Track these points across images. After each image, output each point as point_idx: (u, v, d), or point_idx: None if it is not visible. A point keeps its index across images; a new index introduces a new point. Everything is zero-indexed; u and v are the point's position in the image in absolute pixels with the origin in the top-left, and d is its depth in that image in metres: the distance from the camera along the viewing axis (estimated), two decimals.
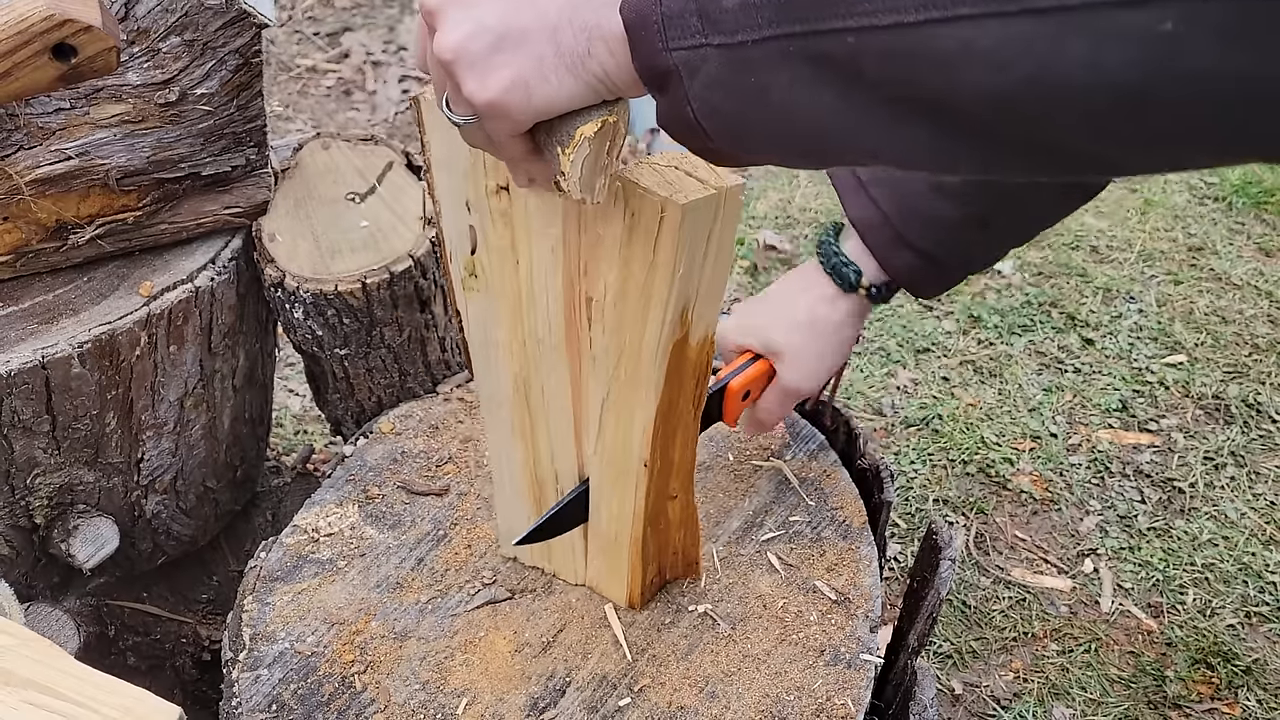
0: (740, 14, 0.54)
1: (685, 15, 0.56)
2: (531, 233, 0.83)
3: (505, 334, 0.91)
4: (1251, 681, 1.74)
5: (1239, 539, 1.96)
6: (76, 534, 1.27)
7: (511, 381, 0.95)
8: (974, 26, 0.47)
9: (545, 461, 0.98)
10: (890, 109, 0.52)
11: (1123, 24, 0.44)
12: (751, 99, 0.56)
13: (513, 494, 1.03)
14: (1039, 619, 1.85)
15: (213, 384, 1.34)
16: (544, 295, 0.86)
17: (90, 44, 1.02)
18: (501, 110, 0.63)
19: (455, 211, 0.87)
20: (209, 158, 1.25)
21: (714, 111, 0.58)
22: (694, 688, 0.96)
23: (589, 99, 0.63)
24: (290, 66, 3.27)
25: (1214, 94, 0.44)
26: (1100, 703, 1.71)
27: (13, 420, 1.17)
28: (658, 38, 0.57)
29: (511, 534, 1.05)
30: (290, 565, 1.09)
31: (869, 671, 0.97)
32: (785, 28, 0.52)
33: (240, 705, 0.96)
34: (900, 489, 2.07)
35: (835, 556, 1.08)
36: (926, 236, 1.00)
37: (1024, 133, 0.50)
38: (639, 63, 0.59)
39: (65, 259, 1.25)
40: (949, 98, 0.50)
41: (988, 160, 0.53)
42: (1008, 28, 0.46)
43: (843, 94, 0.53)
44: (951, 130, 0.51)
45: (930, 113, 0.51)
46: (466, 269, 0.90)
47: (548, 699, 0.96)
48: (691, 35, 0.56)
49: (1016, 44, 0.46)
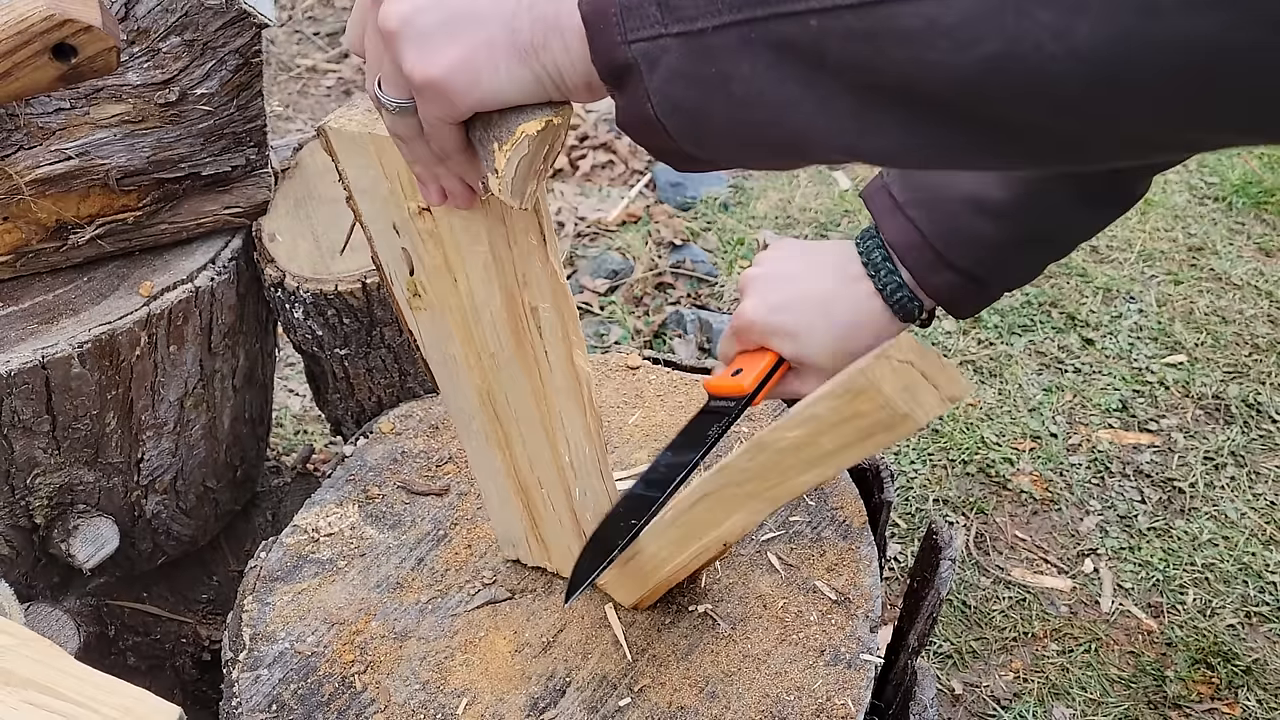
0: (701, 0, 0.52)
1: (644, 5, 0.54)
2: (462, 250, 0.80)
3: (460, 349, 0.89)
4: (1251, 681, 1.74)
5: (1239, 539, 1.96)
6: (76, 534, 1.27)
7: (476, 394, 0.93)
8: (938, 3, 0.45)
9: (525, 469, 0.97)
10: (856, 97, 0.50)
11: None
12: (712, 91, 0.54)
13: (500, 502, 1.03)
14: (1039, 619, 1.85)
15: (213, 384, 1.34)
16: (486, 310, 0.84)
17: (90, 44, 1.02)
18: (442, 91, 0.60)
19: (385, 236, 0.84)
20: (209, 158, 1.25)
21: (674, 107, 0.56)
22: (694, 688, 0.96)
23: (536, 96, 0.60)
24: (290, 66, 3.27)
25: (1188, 62, 0.43)
26: (1100, 703, 1.71)
27: (13, 420, 1.17)
28: (616, 30, 0.55)
29: (509, 539, 1.04)
30: (290, 565, 1.09)
31: (869, 671, 0.97)
32: (746, 13, 0.51)
33: (240, 705, 0.96)
34: (900, 489, 2.07)
35: (835, 556, 1.08)
36: (968, 256, 0.96)
37: (994, 114, 0.48)
38: (597, 58, 0.56)
39: (65, 259, 1.25)
40: (915, 80, 0.48)
41: (958, 147, 0.51)
42: (975, 2, 0.44)
43: (807, 82, 0.51)
44: (920, 116, 0.50)
45: (897, 98, 0.50)
46: (409, 289, 0.87)
47: (548, 699, 0.96)
48: (650, 25, 0.54)
49: (983, 18, 0.45)
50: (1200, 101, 0.44)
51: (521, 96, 0.60)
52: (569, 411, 0.89)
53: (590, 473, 0.94)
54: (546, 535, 1.01)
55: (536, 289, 0.80)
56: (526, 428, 0.92)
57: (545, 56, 0.58)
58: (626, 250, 2.74)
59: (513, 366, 0.87)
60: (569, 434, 0.90)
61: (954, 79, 0.47)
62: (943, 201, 0.96)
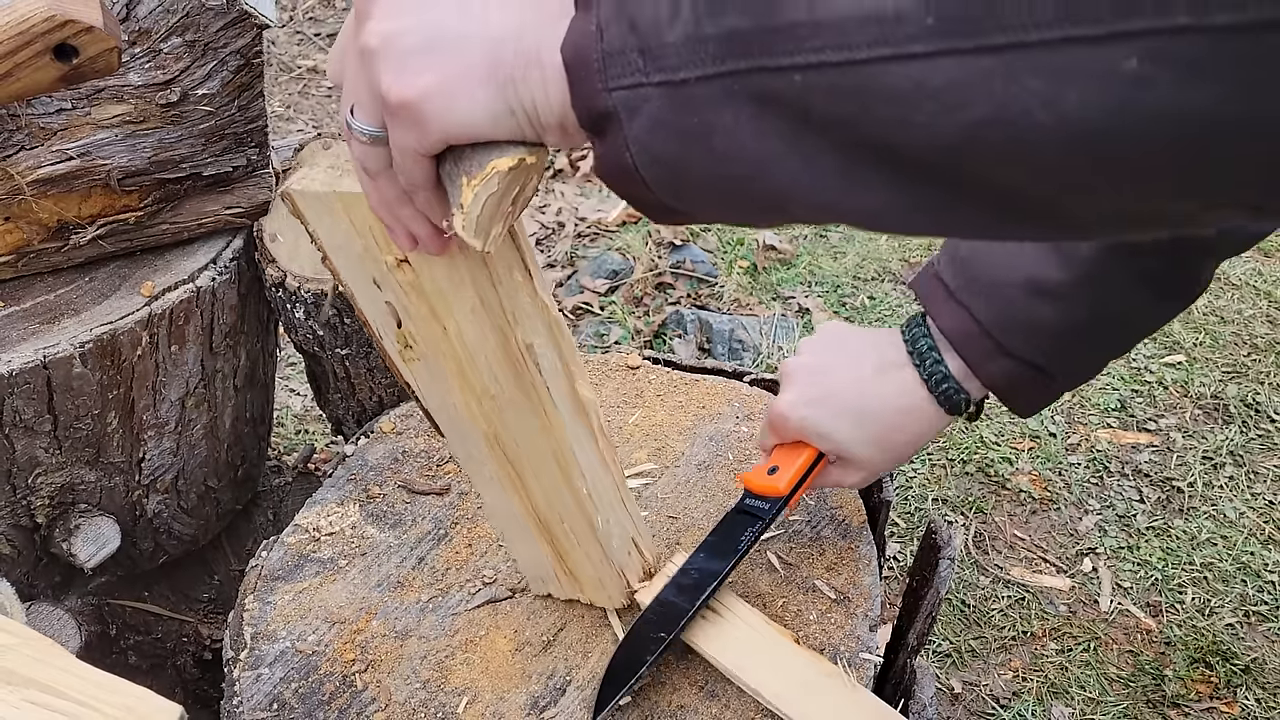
0: (684, 49, 0.50)
1: (626, 52, 0.52)
2: (447, 298, 0.77)
3: (459, 396, 0.86)
4: (1250, 680, 1.74)
5: (1237, 538, 1.96)
6: (78, 533, 1.27)
7: (483, 439, 0.89)
8: (927, 65, 0.44)
9: (543, 505, 0.94)
10: (840, 155, 0.49)
11: (1084, 61, 0.41)
12: (693, 143, 0.52)
13: (523, 542, 1.00)
14: (1038, 618, 1.85)
15: (214, 384, 1.34)
16: (481, 354, 0.81)
17: (91, 44, 1.02)
18: (415, 115, 0.57)
19: (367, 292, 0.81)
20: (210, 158, 1.25)
21: (654, 158, 0.54)
22: (694, 686, 0.97)
23: (510, 132, 0.58)
24: (291, 67, 3.27)
25: (1180, 134, 0.42)
26: (1099, 702, 1.72)
27: (14, 420, 1.17)
28: (597, 77, 0.53)
29: (538, 577, 1.02)
30: (291, 564, 1.09)
31: (868, 670, 0.98)
32: (730, 64, 0.49)
33: (241, 704, 0.96)
34: (899, 488, 2.07)
35: (834, 555, 1.08)
36: (1027, 343, 0.93)
37: (979, 178, 0.47)
38: (577, 102, 0.55)
39: (67, 259, 1.25)
40: (901, 141, 0.47)
41: (943, 208, 0.50)
42: (963, 66, 0.43)
43: (790, 138, 0.50)
44: (905, 177, 0.49)
45: (882, 159, 0.48)
46: (399, 343, 0.84)
47: (548, 698, 0.97)
48: (632, 73, 0.52)
49: (972, 83, 0.44)
50: (1191, 173, 0.43)
51: (495, 131, 0.58)
52: (580, 442, 0.87)
53: (611, 501, 0.92)
54: (575, 568, 0.99)
55: (529, 326, 0.78)
56: (539, 465, 0.89)
57: (523, 90, 0.57)
58: (626, 250, 2.74)
59: (516, 406, 0.84)
60: (584, 465, 0.88)
61: (940, 142, 0.46)
62: (999, 287, 0.93)
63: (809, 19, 0.46)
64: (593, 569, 0.97)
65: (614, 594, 1.00)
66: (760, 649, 0.96)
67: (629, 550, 0.97)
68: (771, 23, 0.47)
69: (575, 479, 0.89)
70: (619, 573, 0.98)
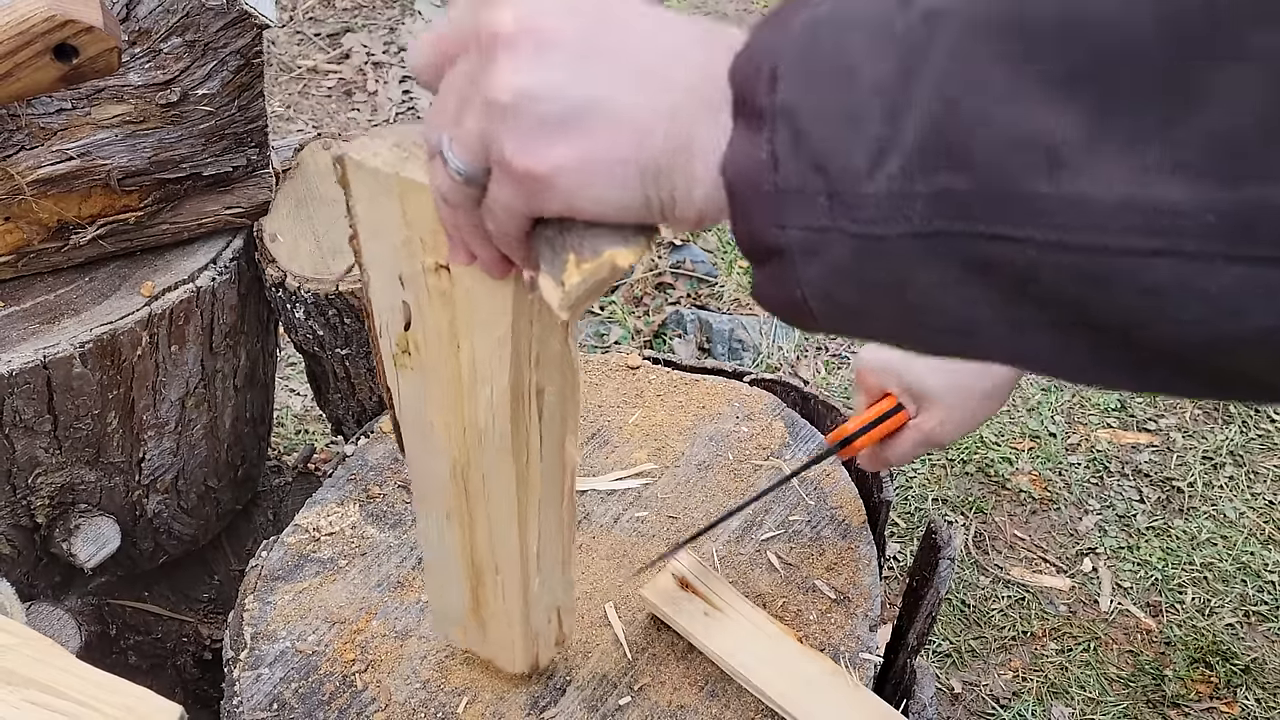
0: (886, 203, 0.44)
1: (809, 193, 0.46)
2: (474, 319, 0.71)
3: (442, 417, 0.80)
4: (1250, 680, 1.74)
5: (1237, 538, 1.96)
6: (78, 533, 1.27)
7: (449, 467, 0.83)
8: (1203, 266, 0.38)
9: (484, 550, 0.88)
10: (1060, 332, 0.44)
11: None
12: (880, 294, 0.47)
13: (444, 578, 0.94)
14: (1038, 618, 1.85)
15: (214, 384, 1.34)
16: (487, 386, 0.75)
17: (92, 44, 1.02)
18: (540, 188, 0.50)
19: (387, 285, 0.75)
20: (210, 158, 1.25)
21: (831, 302, 0.48)
22: (694, 686, 0.97)
23: (635, 218, 0.52)
24: (291, 67, 3.27)
25: None
26: (1099, 702, 1.72)
27: (14, 420, 1.17)
28: (770, 211, 0.47)
29: (444, 616, 0.97)
30: (291, 564, 1.09)
31: (868, 670, 0.98)
32: (942, 224, 0.43)
33: (241, 704, 0.96)
34: (899, 488, 2.08)
35: (834, 556, 1.08)
36: None
37: (1233, 372, 0.42)
38: (739, 229, 0.49)
39: (67, 259, 1.25)
40: (1147, 333, 0.41)
41: (1166, 385, 0.46)
42: (1248, 273, 0.38)
43: (1001, 306, 0.44)
44: (1135, 361, 0.44)
45: (1111, 342, 0.43)
46: (399, 345, 0.78)
47: (548, 698, 0.97)
48: (815, 215, 0.46)
49: (1256, 292, 0.38)
50: None
51: (622, 216, 0.52)
52: (548, 500, 0.83)
53: (554, 566, 0.89)
54: (488, 620, 0.93)
55: (548, 370, 0.74)
56: (497, 510, 0.84)
57: (665, 181, 0.50)
58: None
59: (500, 447, 0.79)
60: (543, 523, 0.84)
61: (1199, 340, 0.41)
62: None
63: (1054, 192, 0.40)
64: (507, 627, 0.92)
65: (519, 657, 0.94)
66: (764, 648, 0.96)
67: (550, 618, 0.93)
68: (1002, 189, 0.41)
69: (529, 536, 0.85)
70: (533, 637, 0.93)
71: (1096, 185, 0.39)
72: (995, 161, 0.41)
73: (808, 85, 0.46)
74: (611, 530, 1.11)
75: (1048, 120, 0.40)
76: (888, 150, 0.44)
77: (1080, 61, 0.40)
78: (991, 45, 0.41)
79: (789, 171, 0.46)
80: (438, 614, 0.98)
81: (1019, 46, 0.41)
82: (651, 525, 1.12)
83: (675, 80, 0.50)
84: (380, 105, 3.14)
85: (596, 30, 0.50)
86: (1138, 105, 0.39)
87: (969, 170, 0.42)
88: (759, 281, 0.51)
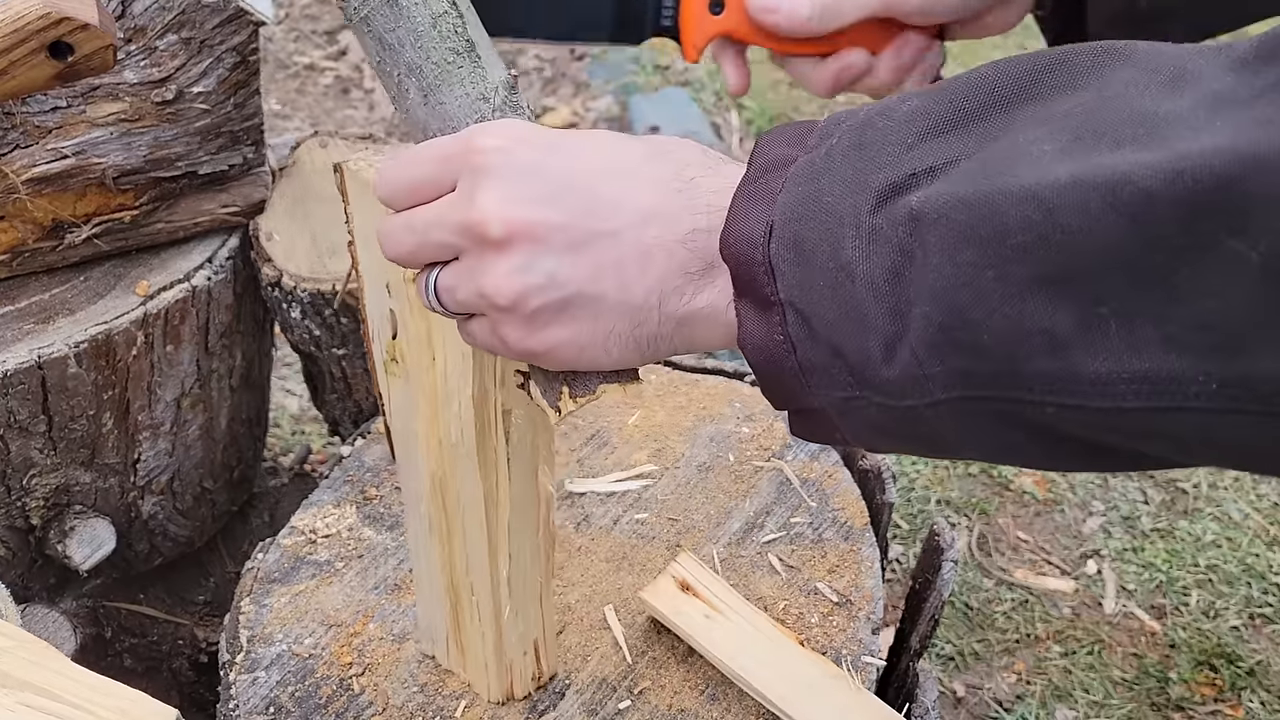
0: (907, 383, 0.47)
1: (830, 370, 0.49)
2: (447, 331, 0.74)
3: (424, 428, 0.83)
4: (1255, 683, 1.73)
5: (1243, 540, 1.95)
6: (73, 535, 1.27)
7: (429, 479, 0.85)
8: (1215, 418, 0.41)
9: (460, 571, 0.89)
10: (1089, 457, 0.48)
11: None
12: (918, 440, 0.51)
13: (429, 593, 0.95)
14: (1042, 620, 1.84)
15: (210, 384, 1.33)
16: (455, 399, 0.77)
17: (87, 42, 1.01)
18: (537, 359, 0.56)
19: (377, 293, 0.79)
20: (206, 156, 1.25)
21: (869, 441, 0.53)
22: (695, 690, 0.96)
23: (634, 365, 0.57)
24: (288, 64, 3.26)
25: None
26: (1103, 705, 1.71)
27: (9, 421, 1.16)
28: (798, 385, 0.51)
29: (429, 633, 0.97)
30: (288, 567, 1.08)
31: (871, 674, 0.97)
32: (964, 391, 0.46)
33: (237, 707, 0.95)
34: (902, 490, 2.07)
35: (837, 558, 1.08)
36: None
37: (1235, 463, 0.46)
38: (771, 397, 0.54)
39: (62, 258, 1.25)
40: (1164, 459, 0.46)
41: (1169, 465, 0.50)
42: (1255, 425, 0.41)
43: (1036, 439, 0.47)
44: (1145, 465, 0.48)
45: (1130, 460, 0.47)
46: (388, 353, 0.82)
47: (547, 701, 0.96)
48: (843, 389, 0.50)
49: (1263, 441, 0.41)
50: None
51: (617, 368, 0.57)
52: (518, 528, 0.84)
53: (528, 597, 0.89)
54: (466, 643, 0.94)
55: (514, 392, 0.76)
56: (471, 530, 0.85)
57: (663, 345, 0.55)
58: None
59: (470, 464, 0.80)
60: (513, 550, 0.85)
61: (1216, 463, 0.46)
62: None
63: (1064, 372, 0.44)
64: (482, 653, 0.92)
65: (493, 685, 0.94)
66: (766, 651, 0.95)
67: (525, 650, 0.92)
68: (1014, 369, 0.45)
69: (500, 561, 0.85)
70: (507, 669, 0.93)
71: (1099, 362, 0.42)
72: (1003, 351, 0.44)
73: (807, 283, 0.49)
74: (611, 532, 1.11)
75: (1042, 319, 0.43)
76: (897, 344, 0.47)
77: (1066, 265, 0.42)
78: (979, 252, 0.44)
79: (808, 353, 0.50)
80: (423, 629, 0.99)
81: (1005, 254, 0.43)
82: (652, 527, 1.11)
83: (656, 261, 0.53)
84: (377, 103, 3.13)
85: (576, 212, 0.53)
86: (1125, 304, 0.41)
87: (980, 357, 0.45)
88: (796, 424, 0.55)
